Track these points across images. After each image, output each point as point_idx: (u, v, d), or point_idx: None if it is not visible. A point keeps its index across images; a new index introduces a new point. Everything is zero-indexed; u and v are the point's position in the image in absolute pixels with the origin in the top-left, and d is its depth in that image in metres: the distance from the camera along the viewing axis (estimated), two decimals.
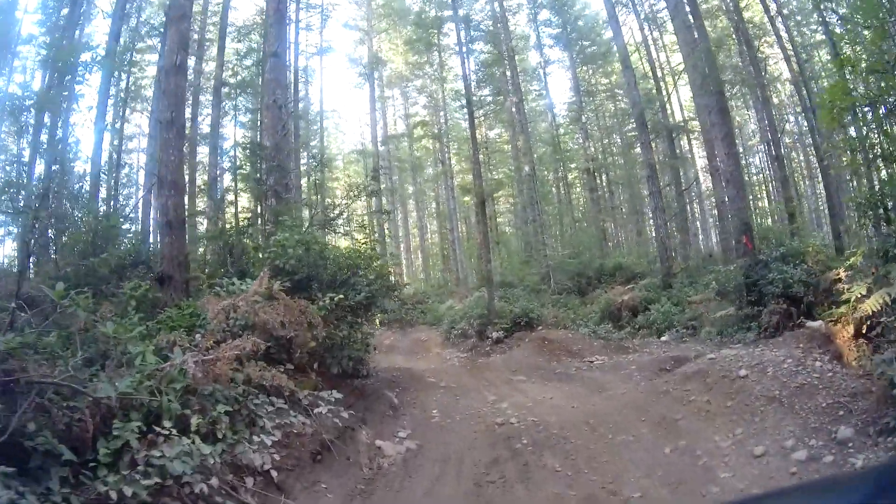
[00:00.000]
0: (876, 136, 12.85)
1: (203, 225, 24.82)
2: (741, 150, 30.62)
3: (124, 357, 7.55)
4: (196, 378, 7.35)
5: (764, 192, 38.35)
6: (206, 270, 15.68)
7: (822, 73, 30.86)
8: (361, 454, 9.48)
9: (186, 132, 30.67)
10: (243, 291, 10.32)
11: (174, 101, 14.18)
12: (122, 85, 29.20)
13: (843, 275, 12.04)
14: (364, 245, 14.85)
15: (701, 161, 39.58)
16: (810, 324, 12.00)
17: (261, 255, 12.44)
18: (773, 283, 14.81)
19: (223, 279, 11.74)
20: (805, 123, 36.95)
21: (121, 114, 30.16)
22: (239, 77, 31.93)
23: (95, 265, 11.87)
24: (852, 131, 16.18)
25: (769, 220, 31.19)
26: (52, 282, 11.65)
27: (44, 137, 21.03)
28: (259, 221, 16.84)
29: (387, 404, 12.56)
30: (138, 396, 6.65)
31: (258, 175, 16.80)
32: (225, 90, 31.54)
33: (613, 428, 9.80)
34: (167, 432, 6.42)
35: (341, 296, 11.34)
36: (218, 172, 27.81)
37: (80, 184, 19.22)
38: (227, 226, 19.17)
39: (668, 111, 33.64)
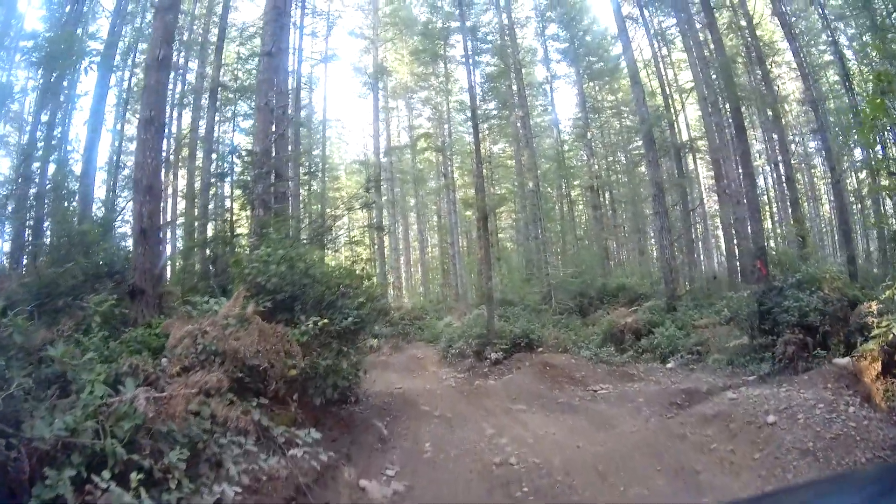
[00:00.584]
0: None
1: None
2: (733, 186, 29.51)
3: (75, 385, 6.52)
4: (149, 416, 6.29)
5: (768, 214, 37.27)
6: (188, 284, 14.52)
7: (830, 94, 30.02)
8: (343, 497, 8.38)
9: (186, 137, 29.98)
10: (216, 312, 9.10)
11: (155, 98, 13.01)
12: (125, 86, 28.15)
13: (875, 307, 11.00)
14: (355, 262, 13.52)
15: (705, 181, 38.75)
16: (837, 361, 10.94)
17: (242, 271, 11.11)
18: (788, 311, 13.87)
19: (195, 297, 10.52)
20: (812, 145, 36.21)
21: (122, 114, 29.08)
22: (240, 81, 30.81)
23: (57, 276, 10.73)
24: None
25: (773, 242, 30.16)
26: (21, 289, 10.69)
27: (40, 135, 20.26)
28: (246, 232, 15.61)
29: (375, 436, 11.33)
30: (75, 440, 5.61)
31: (245, 182, 15.57)
32: (227, 94, 30.42)
33: (625, 477, 8.59)
34: (105, 485, 5.36)
35: (326, 320, 10.07)
36: (213, 178, 26.65)
37: (66, 185, 18.29)
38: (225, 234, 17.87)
39: (675, 130, 32.47)
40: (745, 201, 18.58)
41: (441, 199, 42.57)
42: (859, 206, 31.37)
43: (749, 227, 17.71)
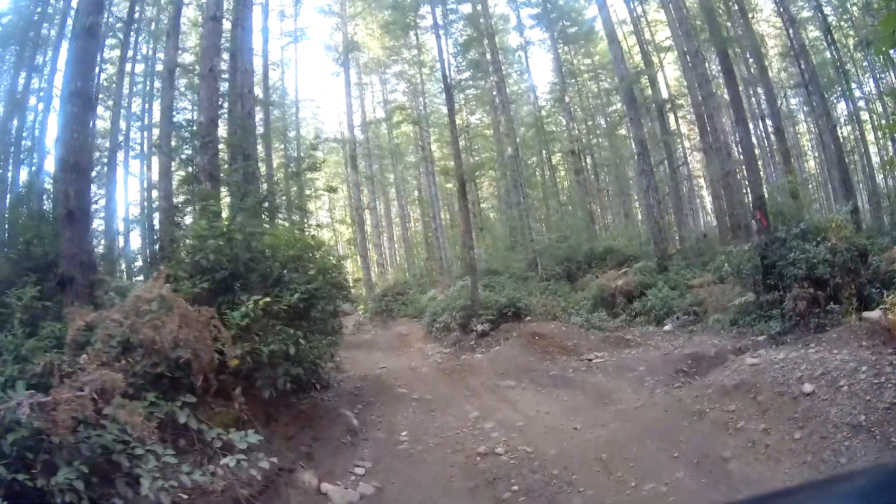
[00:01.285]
0: None
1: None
2: (727, 128, 28.03)
3: None
4: (34, 426, 5.06)
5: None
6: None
7: (811, 51, 28.55)
8: None
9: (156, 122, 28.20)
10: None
11: (82, 68, 11.20)
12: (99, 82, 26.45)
13: None
14: (303, 229, 11.64)
15: (688, 142, 37.29)
16: (868, 315, 9.31)
17: (177, 249, 9.31)
18: (794, 263, 12.22)
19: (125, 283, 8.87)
20: (794, 102, 34.85)
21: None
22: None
23: None
24: None
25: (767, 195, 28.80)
26: None
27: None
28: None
29: (343, 428, 9.57)
30: None
31: (187, 154, 13.84)
32: (192, 79, 28.53)
33: (636, 468, 6.86)
34: None
35: (268, 298, 8.29)
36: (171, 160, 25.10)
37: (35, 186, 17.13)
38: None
39: (656, 88, 30.90)
40: (734, 153, 17.08)
41: (420, 172, 40.97)
42: (846, 159, 30.03)
43: (747, 178, 16.00)
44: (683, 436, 7.42)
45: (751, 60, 28.03)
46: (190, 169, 14.11)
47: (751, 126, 31.46)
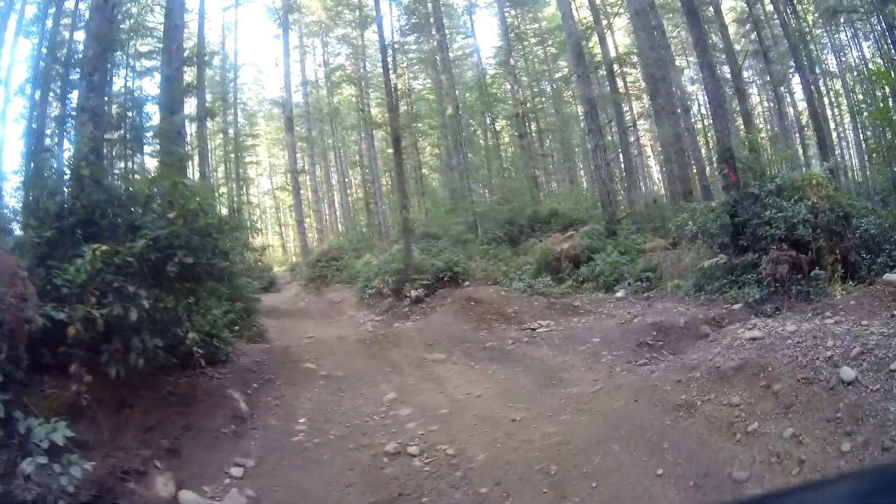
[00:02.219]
0: None
1: None
2: (678, 94, 26.29)
3: None
4: None
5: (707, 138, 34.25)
6: None
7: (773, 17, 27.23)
8: None
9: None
10: None
11: None
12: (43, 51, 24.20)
13: None
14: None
15: (637, 107, 35.66)
16: (890, 277, 7.47)
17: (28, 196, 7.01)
18: (770, 223, 10.63)
19: None
20: (747, 74, 33.67)
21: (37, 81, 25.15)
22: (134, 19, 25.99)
23: None
24: None
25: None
26: None
27: None
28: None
29: (227, 414, 7.16)
30: None
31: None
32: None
33: (602, 491, 4.54)
34: None
35: (105, 247, 5.93)
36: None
37: None
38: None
39: (605, 47, 29.04)
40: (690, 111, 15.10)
41: (361, 137, 39.62)
42: (804, 132, 28.75)
43: (713, 128, 14.03)
44: (668, 440, 5.02)
45: (706, 27, 26.32)
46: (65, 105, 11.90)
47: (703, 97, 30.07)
